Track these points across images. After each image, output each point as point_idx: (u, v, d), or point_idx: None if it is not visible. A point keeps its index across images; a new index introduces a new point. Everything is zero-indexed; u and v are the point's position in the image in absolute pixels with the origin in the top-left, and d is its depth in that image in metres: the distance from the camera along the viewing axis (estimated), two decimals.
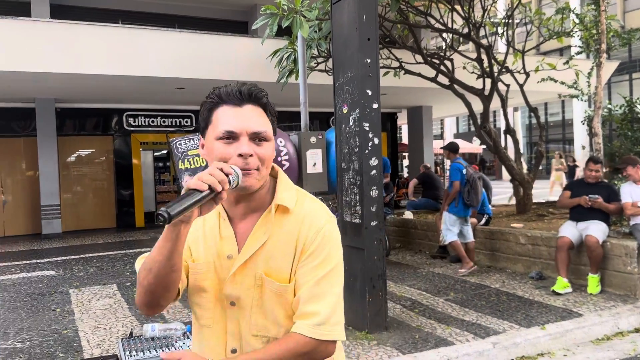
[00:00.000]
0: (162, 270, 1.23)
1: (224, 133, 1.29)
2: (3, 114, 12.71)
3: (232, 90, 1.33)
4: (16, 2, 12.57)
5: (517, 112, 31.23)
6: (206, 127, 1.35)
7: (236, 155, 1.28)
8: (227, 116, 1.31)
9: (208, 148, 1.34)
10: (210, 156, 1.32)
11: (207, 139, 1.35)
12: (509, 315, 5.13)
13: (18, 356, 4.46)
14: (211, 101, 1.35)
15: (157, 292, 1.27)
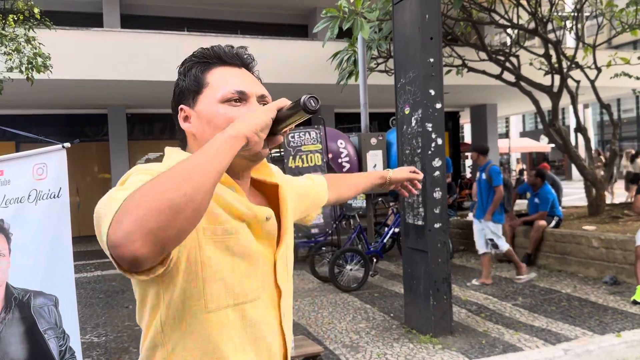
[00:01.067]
0: (207, 185, 0.87)
1: (233, 93, 1.13)
2: (77, 120, 13.43)
3: (228, 50, 1.20)
4: (89, 13, 13.24)
5: (588, 108, 29.86)
6: (199, 91, 1.16)
7: None
8: (232, 76, 1.16)
9: (206, 113, 1.13)
10: (210, 123, 1.13)
11: (201, 103, 1.15)
12: (581, 322, 4.92)
13: (95, 350, 4.70)
14: (204, 61, 1.18)
15: (184, 214, 0.83)
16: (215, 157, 0.90)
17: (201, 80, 1.16)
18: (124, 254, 0.80)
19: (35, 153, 2.77)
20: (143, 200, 0.81)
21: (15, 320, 2.67)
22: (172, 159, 1.15)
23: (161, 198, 0.81)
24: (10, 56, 5.89)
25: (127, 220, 0.80)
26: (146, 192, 0.82)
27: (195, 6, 13.95)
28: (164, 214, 0.81)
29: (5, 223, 2.72)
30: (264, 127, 1.02)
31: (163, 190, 0.82)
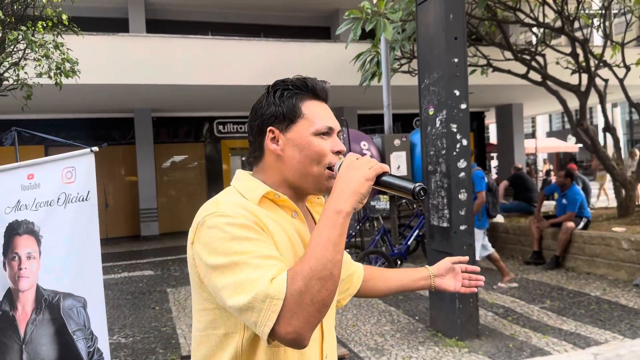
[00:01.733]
0: (341, 272, 1.09)
1: (326, 129, 1.25)
2: (104, 124, 13.66)
3: (319, 84, 1.29)
4: (115, 19, 13.47)
5: (617, 108, 29.26)
6: (294, 120, 1.25)
7: (332, 152, 1.24)
8: (323, 111, 1.28)
9: (299, 142, 1.23)
10: (302, 151, 1.23)
11: (294, 131, 1.24)
12: (611, 325, 4.82)
13: (122, 351, 4.76)
14: (299, 92, 1.27)
15: (331, 303, 1.08)
16: (340, 244, 1.08)
17: (298, 111, 1.25)
18: (296, 346, 1.06)
19: (64, 157, 2.83)
20: (304, 304, 1.02)
21: (46, 321, 2.73)
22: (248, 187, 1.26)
23: (318, 300, 1.03)
24: (39, 62, 6.02)
25: (297, 322, 1.02)
26: (303, 293, 1.02)
27: (219, 10, 14.08)
28: (322, 311, 1.04)
29: (36, 226, 2.78)
30: (367, 196, 1.14)
31: (317, 291, 1.03)
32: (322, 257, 1.05)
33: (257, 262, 1.06)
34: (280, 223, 1.21)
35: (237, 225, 1.11)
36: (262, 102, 1.29)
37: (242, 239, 1.09)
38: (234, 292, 1.05)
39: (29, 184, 2.82)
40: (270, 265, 1.06)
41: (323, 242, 1.06)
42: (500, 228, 8.75)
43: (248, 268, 1.05)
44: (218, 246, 1.10)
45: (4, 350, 2.78)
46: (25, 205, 2.81)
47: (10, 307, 2.81)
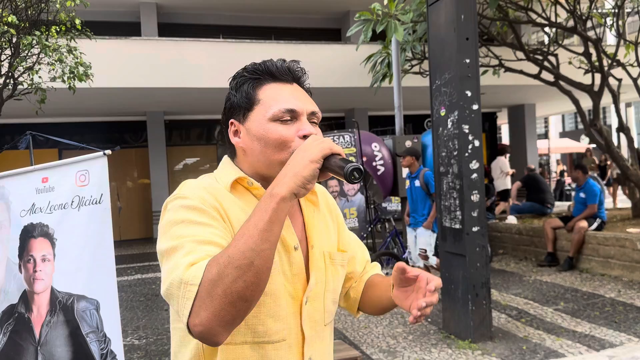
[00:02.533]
0: (267, 263, 0.96)
1: (284, 112, 1.13)
2: (117, 127, 13.78)
3: (279, 66, 1.19)
4: (128, 22, 13.58)
5: (630, 107, 28.95)
6: (249, 108, 1.16)
7: (298, 136, 1.13)
8: (283, 94, 1.15)
9: (256, 131, 1.14)
10: (260, 140, 1.14)
11: (251, 120, 1.15)
12: (626, 327, 4.76)
13: (136, 352, 4.79)
14: (256, 77, 1.18)
15: (253, 301, 0.96)
16: (269, 231, 0.96)
17: (252, 97, 1.16)
18: (207, 342, 0.96)
19: (77, 160, 2.85)
20: (215, 294, 0.92)
21: (60, 323, 2.75)
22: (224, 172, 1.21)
23: (231, 291, 0.92)
24: (53, 66, 6.09)
25: (205, 314, 0.92)
26: (216, 282, 0.92)
27: (230, 13, 14.15)
28: (237, 305, 0.93)
29: (50, 229, 2.81)
30: (311, 180, 1.02)
31: (231, 282, 0.92)
32: (242, 244, 0.94)
33: (191, 246, 0.99)
34: (247, 210, 1.10)
35: (189, 207, 1.06)
36: (228, 94, 1.23)
37: (189, 222, 1.04)
38: (165, 278, 1.00)
39: (44, 187, 2.85)
40: (201, 251, 0.98)
41: (248, 228, 0.96)
42: (514, 229, 8.69)
43: (180, 252, 0.99)
44: (167, 230, 1.06)
45: (19, 352, 2.81)
46: (40, 208, 2.84)
47: (26, 309, 2.84)
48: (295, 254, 1.17)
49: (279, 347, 1.13)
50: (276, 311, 1.12)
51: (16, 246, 2.88)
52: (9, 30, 5.50)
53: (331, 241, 1.29)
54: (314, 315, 1.19)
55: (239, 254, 0.93)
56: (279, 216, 0.98)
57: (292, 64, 1.21)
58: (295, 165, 1.02)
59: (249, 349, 1.10)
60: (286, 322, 1.14)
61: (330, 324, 1.26)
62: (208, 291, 0.92)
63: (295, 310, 1.16)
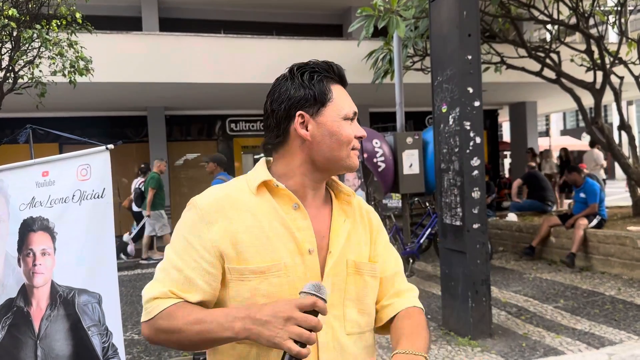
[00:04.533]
0: (201, 348, 1.17)
1: (353, 114, 1.25)
2: (118, 122, 13.75)
3: (342, 70, 1.29)
4: (129, 17, 13.54)
5: (632, 105, 28.91)
6: (324, 103, 1.22)
7: (356, 136, 1.25)
8: (347, 96, 1.27)
9: (330, 126, 1.22)
10: (332, 135, 1.22)
11: (325, 115, 1.22)
12: (626, 325, 4.76)
13: (136, 347, 4.80)
14: (330, 77, 1.25)
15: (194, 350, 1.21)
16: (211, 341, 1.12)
17: (329, 94, 1.23)
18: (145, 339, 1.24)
19: (79, 154, 2.85)
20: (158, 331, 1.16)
21: (61, 317, 2.75)
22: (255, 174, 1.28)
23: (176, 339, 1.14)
24: (53, 60, 6.07)
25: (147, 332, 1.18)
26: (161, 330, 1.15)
27: (232, 8, 14.11)
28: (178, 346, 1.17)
29: (51, 222, 2.80)
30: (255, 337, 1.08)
31: (180, 335, 1.12)
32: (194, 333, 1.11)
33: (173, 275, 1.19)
34: (261, 218, 1.19)
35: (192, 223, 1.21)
36: (287, 84, 1.24)
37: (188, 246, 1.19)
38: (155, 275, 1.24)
39: (44, 181, 2.85)
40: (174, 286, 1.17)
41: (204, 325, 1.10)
42: (514, 227, 8.69)
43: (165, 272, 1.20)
44: (176, 232, 1.24)
45: (18, 346, 2.81)
46: (39, 202, 2.84)
47: (25, 303, 2.83)
48: (310, 257, 1.19)
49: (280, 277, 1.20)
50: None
51: (15, 240, 2.87)
52: (9, 23, 5.49)
53: (361, 251, 1.30)
54: (331, 322, 1.20)
55: (184, 337, 1.12)
56: (221, 335, 1.09)
57: (343, 71, 1.29)
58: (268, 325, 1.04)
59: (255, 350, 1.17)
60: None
61: (357, 335, 1.25)
62: (154, 326, 1.16)
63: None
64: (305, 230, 1.20)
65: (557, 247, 7.66)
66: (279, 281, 1.15)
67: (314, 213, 1.24)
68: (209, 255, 1.17)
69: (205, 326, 1.10)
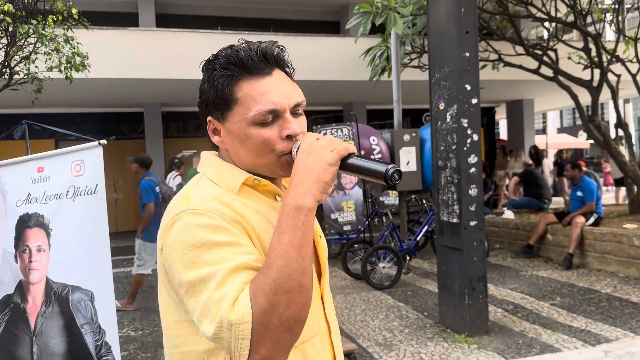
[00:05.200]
0: (311, 278, 0.95)
1: (264, 114, 1.04)
2: (114, 118, 13.71)
3: (255, 56, 1.07)
4: (125, 13, 13.49)
5: (629, 104, 28.98)
6: (228, 107, 1.06)
7: (282, 137, 1.05)
8: (262, 91, 1.05)
9: (237, 133, 1.06)
10: (242, 143, 1.07)
11: (231, 121, 1.07)
12: (622, 323, 4.77)
13: (132, 344, 4.79)
14: (231, 74, 1.06)
15: (305, 317, 0.94)
16: (306, 246, 0.92)
17: (229, 97, 1.06)
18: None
19: (73, 150, 2.83)
20: (271, 324, 0.88)
21: (55, 314, 2.74)
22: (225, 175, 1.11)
23: (287, 317, 0.89)
24: (49, 56, 6.03)
25: (265, 348, 0.88)
26: (268, 312, 0.88)
27: (229, 4, 14.07)
28: (294, 329, 0.90)
29: (45, 219, 2.79)
30: (332, 184, 0.98)
31: (284, 308, 0.88)
32: (286, 266, 0.89)
33: (222, 276, 0.91)
34: (261, 211, 1.07)
35: (209, 227, 0.97)
36: (202, 81, 1.11)
37: (213, 245, 0.95)
38: (201, 316, 0.92)
39: (39, 177, 2.83)
40: (236, 282, 0.91)
41: (285, 248, 0.90)
42: (511, 224, 8.70)
43: (212, 284, 0.91)
44: (184, 255, 0.95)
45: (15, 342, 2.80)
46: (35, 198, 2.82)
47: (22, 300, 2.82)
48: None
49: (315, 343, 1.10)
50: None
51: (12, 236, 2.86)
52: (5, 18, 5.45)
53: None
54: (330, 305, 1.19)
55: (284, 278, 0.89)
56: (310, 228, 0.94)
57: (269, 47, 1.10)
58: (313, 171, 0.96)
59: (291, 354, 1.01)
60: (316, 316, 1.11)
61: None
62: (263, 324, 0.88)
63: (318, 300, 1.14)
64: None
65: (554, 245, 7.68)
66: None
67: None
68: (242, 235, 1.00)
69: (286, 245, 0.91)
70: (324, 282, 1.17)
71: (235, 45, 1.10)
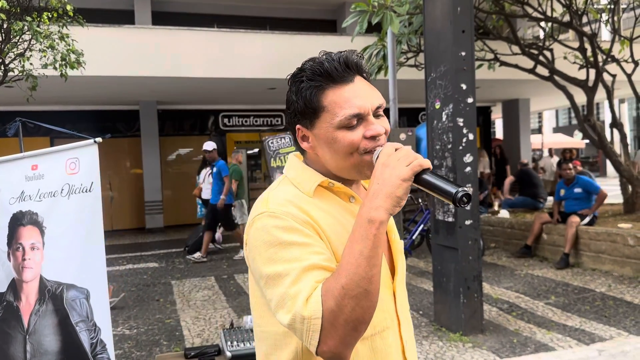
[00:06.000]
0: (378, 285, 1.02)
1: (349, 119, 1.12)
2: (110, 116, 13.66)
3: (338, 66, 1.14)
4: (121, 10, 13.45)
5: (624, 103, 29.08)
6: (316, 116, 1.15)
7: (365, 138, 1.13)
8: (346, 98, 1.13)
9: (325, 138, 1.15)
10: (330, 147, 1.15)
11: (318, 127, 1.15)
12: (616, 322, 4.79)
13: (127, 342, 4.77)
14: (318, 84, 1.15)
15: (370, 318, 1.03)
16: (375, 257, 1.00)
17: (316, 106, 1.15)
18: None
19: (67, 148, 2.82)
20: (338, 324, 0.98)
21: (49, 312, 2.73)
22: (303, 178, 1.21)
23: (352, 319, 0.98)
24: (44, 53, 6.01)
25: (332, 342, 0.99)
26: (336, 314, 0.98)
27: (225, 3, 14.04)
28: (358, 329, 1.00)
29: (40, 217, 2.78)
30: (404, 198, 1.04)
31: (350, 311, 0.98)
32: (354, 274, 0.98)
33: (296, 274, 1.03)
34: (334, 213, 1.17)
35: (284, 228, 1.08)
36: (289, 92, 1.21)
37: (288, 245, 1.06)
38: (277, 306, 1.05)
39: (33, 175, 2.82)
40: (309, 280, 1.02)
41: (355, 257, 0.99)
42: (506, 223, 8.72)
43: (287, 280, 1.03)
44: (263, 252, 1.08)
45: (7, 340, 2.79)
46: (29, 195, 2.81)
47: (15, 298, 2.81)
48: None
49: (385, 336, 1.18)
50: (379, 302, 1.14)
51: (5, 234, 2.84)
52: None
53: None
54: (402, 299, 1.26)
55: (352, 285, 0.98)
56: (380, 240, 1.01)
57: (349, 56, 1.17)
58: (386, 185, 1.04)
59: (360, 346, 1.13)
60: (387, 310, 1.19)
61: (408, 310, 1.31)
62: (331, 322, 0.98)
63: (390, 296, 1.21)
64: None
65: (549, 244, 7.70)
66: None
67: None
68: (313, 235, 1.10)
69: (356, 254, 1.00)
70: (397, 279, 1.24)
71: (318, 57, 1.18)
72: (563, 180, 7.82)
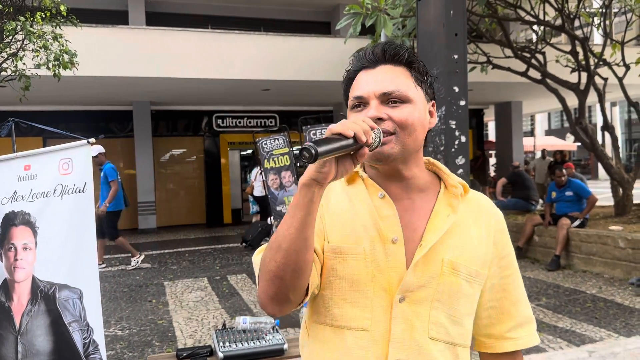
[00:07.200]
0: (294, 246, 1.00)
1: (353, 100, 1.17)
2: (103, 117, 13.62)
3: (367, 52, 1.19)
4: (115, 11, 13.42)
5: (615, 107, 29.29)
6: (346, 101, 1.22)
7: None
8: (358, 82, 1.18)
9: None
10: None
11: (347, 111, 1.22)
12: (606, 323, 4.83)
13: (119, 343, 4.77)
14: (350, 72, 1.22)
15: (286, 278, 1.02)
16: (293, 217, 1.01)
17: (347, 91, 1.23)
18: (268, 314, 1.14)
19: (61, 148, 2.81)
20: (262, 273, 1.07)
21: (41, 313, 2.73)
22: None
23: (267, 270, 1.04)
24: (37, 53, 6.00)
25: (259, 289, 1.08)
26: (260, 264, 1.08)
27: (219, 4, 14.03)
28: (274, 282, 1.04)
29: (32, 217, 2.77)
30: (323, 164, 0.98)
31: (267, 263, 1.04)
32: (278, 231, 1.04)
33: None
34: (355, 201, 1.19)
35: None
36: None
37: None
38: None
39: (26, 175, 2.81)
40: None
41: (284, 217, 1.05)
42: None
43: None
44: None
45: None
46: (21, 196, 2.80)
47: (6, 298, 2.80)
48: (393, 246, 1.13)
49: (359, 337, 1.12)
50: (354, 297, 1.13)
51: None
52: None
53: (464, 252, 1.17)
54: (412, 319, 1.12)
55: (273, 239, 1.04)
56: (299, 202, 1.01)
57: (381, 45, 1.19)
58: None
59: (330, 331, 1.16)
60: (370, 313, 1.12)
61: (445, 344, 1.15)
62: (259, 271, 1.08)
63: (385, 304, 1.12)
64: (390, 219, 1.14)
65: (540, 246, 7.75)
66: (356, 264, 1.13)
67: (407, 205, 1.18)
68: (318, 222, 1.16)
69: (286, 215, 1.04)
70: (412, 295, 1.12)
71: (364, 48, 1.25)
72: (555, 183, 7.87)
